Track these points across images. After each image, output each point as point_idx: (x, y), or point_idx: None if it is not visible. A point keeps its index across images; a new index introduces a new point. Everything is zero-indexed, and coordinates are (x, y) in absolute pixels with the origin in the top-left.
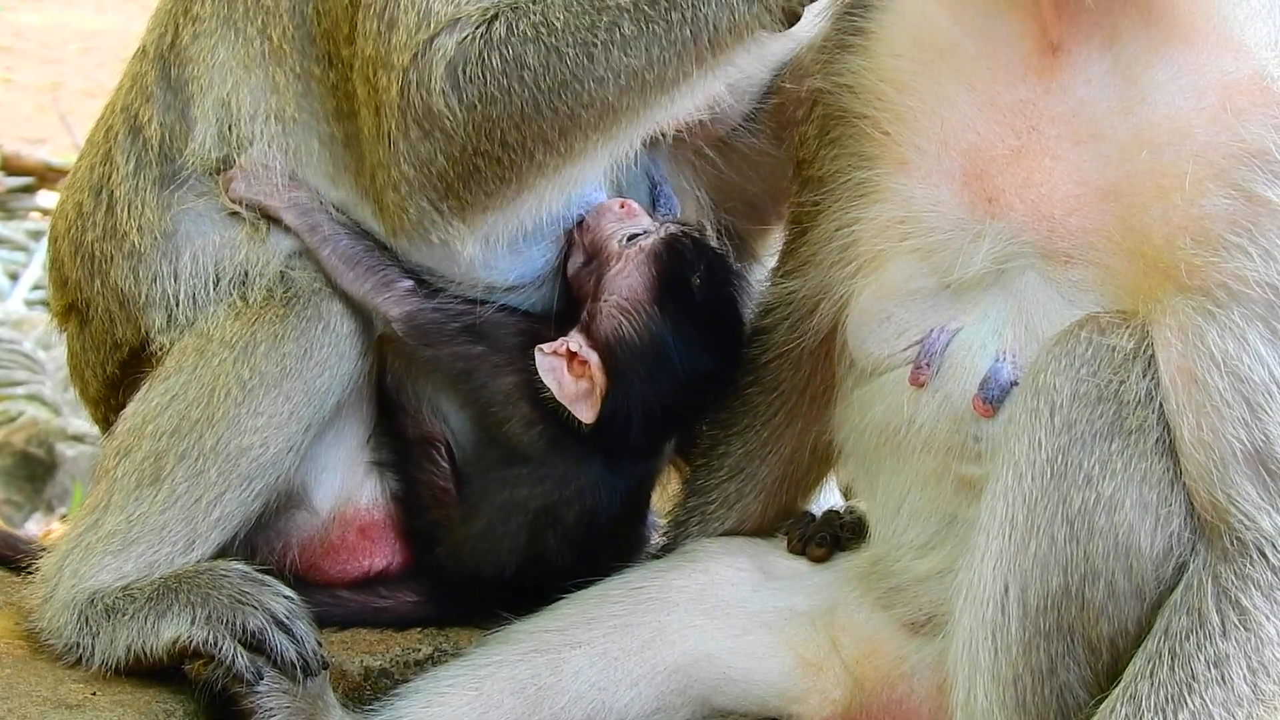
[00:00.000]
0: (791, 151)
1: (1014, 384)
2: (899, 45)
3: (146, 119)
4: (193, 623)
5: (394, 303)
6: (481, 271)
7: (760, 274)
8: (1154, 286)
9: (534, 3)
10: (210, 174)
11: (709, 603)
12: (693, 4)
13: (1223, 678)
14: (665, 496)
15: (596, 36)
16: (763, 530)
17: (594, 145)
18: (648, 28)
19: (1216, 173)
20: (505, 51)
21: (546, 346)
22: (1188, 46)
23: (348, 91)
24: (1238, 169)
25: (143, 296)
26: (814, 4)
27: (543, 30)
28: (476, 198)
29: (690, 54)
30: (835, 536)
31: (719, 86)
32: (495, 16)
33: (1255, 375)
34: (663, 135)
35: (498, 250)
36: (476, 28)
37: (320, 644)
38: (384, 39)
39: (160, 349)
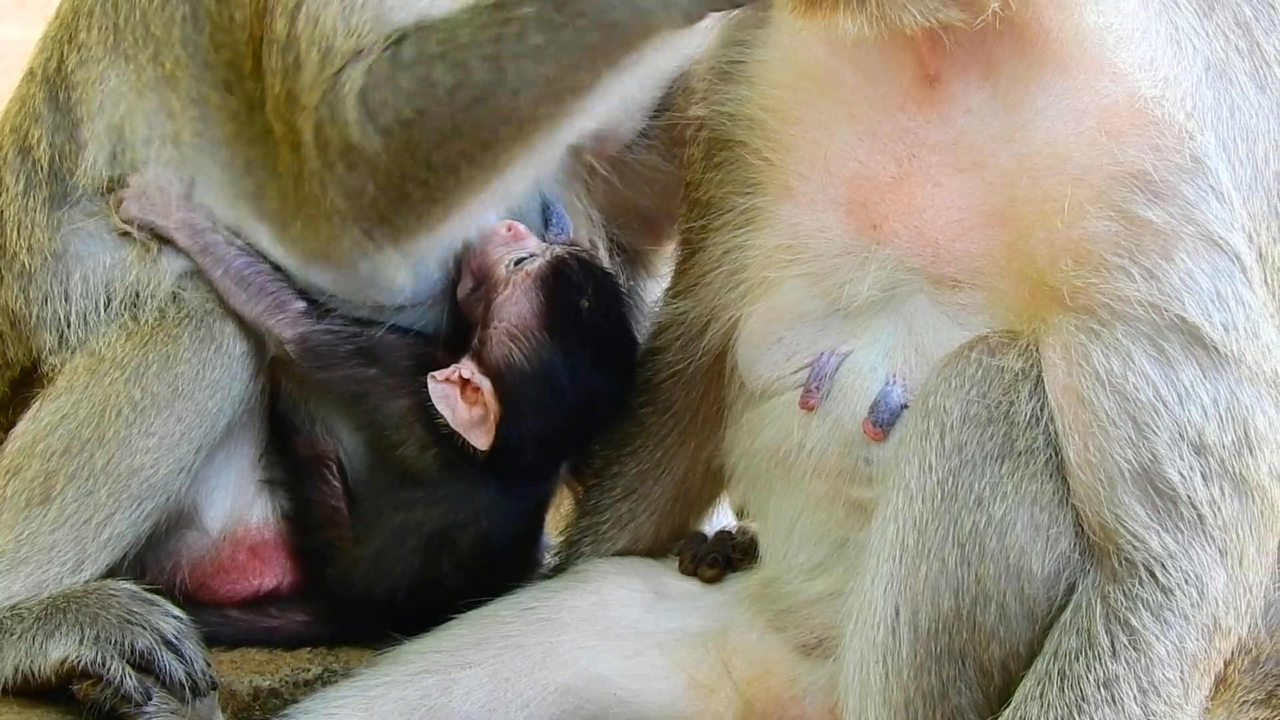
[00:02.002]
0: (682, 170)
1: (904, 407)
2: (779, 75)
3: (35, 139)
4: (81, 643)
5: (287, 324)
6: (376, 292)
7: (656, 291)
8: (1040, 308)
9: (441, 22)
10: (101, 194)
11: (600, 623)
12: (601, 8)
13: (1113, 698)
14: (558, 516)
15: (504, 49)
16: (656, 550)
17: (517, 156)
18: (556, 35)
19: (1096, 195)
20: (415, 72)
21: (439, 374)
22: (1064, 73)
23: (251, 119)
24: (1117, 191)
25: (33, 317)
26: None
27: (449, 48)
28: (408, 221)
29: (601, 56)
30: (727, 557)
31: (633, 87)
32: (402, 39)
33: (1141, 394)
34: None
35: (424, 273)
36: (382, 52)
37: (209, 664)
38: (292, 78)
39: (52, 369)
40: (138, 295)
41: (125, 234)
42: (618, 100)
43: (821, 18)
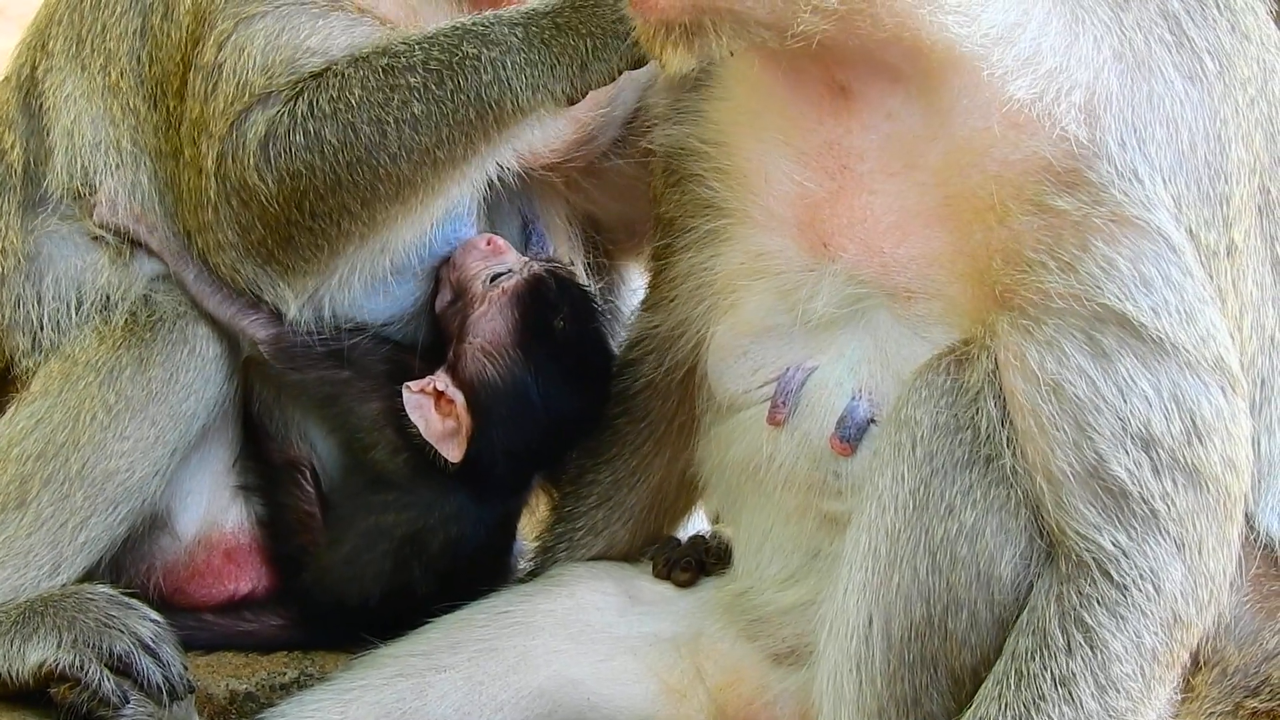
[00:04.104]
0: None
1: (871, 421)
2: (717, 113)
3: (9, 144)
4: (59, 646)
5: (260, 325)
6: (350, 311)
7: (634, 304)
8: (987, 311)
9: (335, 76)
10: (74, 198)
11: (574, 627)
12: (476, 88)
13: (1070, 696)
14: (534, 522)
15: (389, 114)
16: (630, 557)
17: (394, 215)
18: (436, 108)
19: (1016, 191)
20: (308, 128)
21: (414, 385)
22: (958, 73)
23: (167, 136)
24: (1029, 184)
25: (6, 320)
26: (598, 90)
27: (340, 106)
28: (296, 263)
29: (477, 132)
30: (700, 562)
31: (509, 156)
32: (300, 92)
33: (1079, 392)
34: (533, 171)
35: (325, 308)
36: (286, 103)
37: (186, 667)
38: (208, 104)
39: (26, 372)
40: (108, 298)
41: (97, 237)
42: (494, 168)
43: (664, 57)
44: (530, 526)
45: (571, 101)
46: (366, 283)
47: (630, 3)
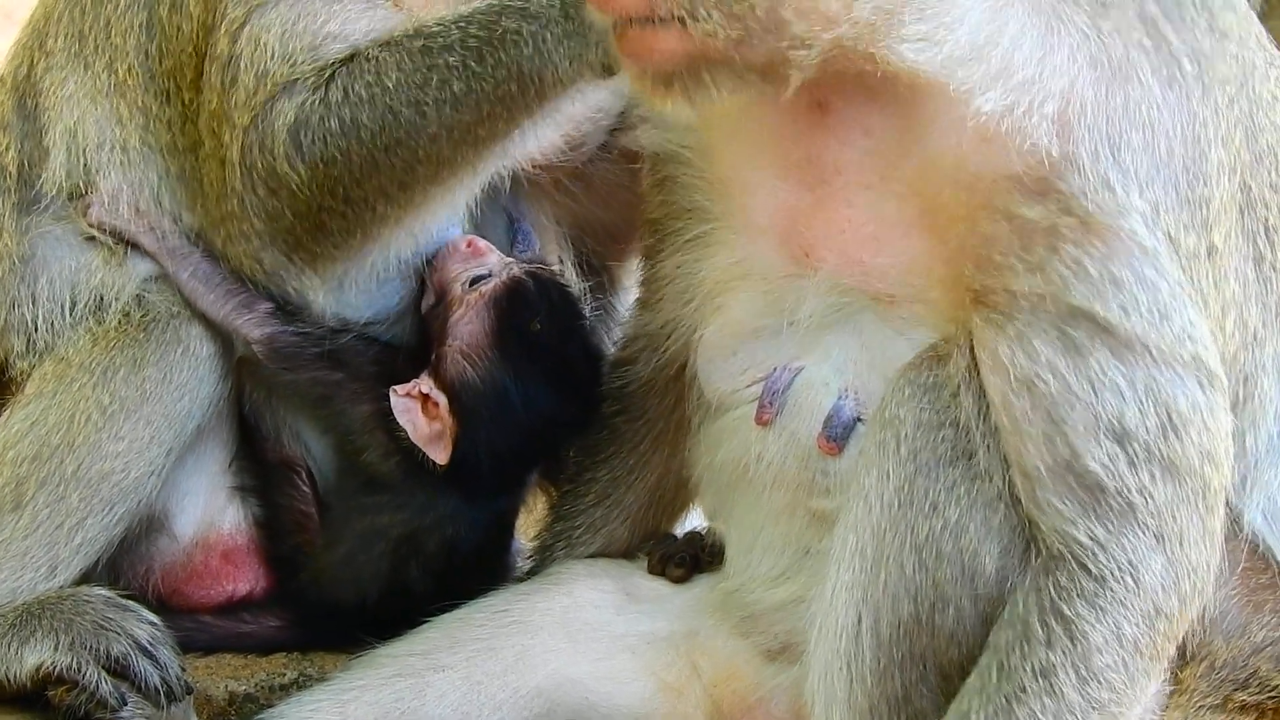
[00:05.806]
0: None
1: (858, 421)
2: (701, 122)
3: (4, 146)
4: (56, 649)
5: (255, 324)
6: (336, 309)
7: (627, 302)
8: (965, 313)
9: (367, 61)
10: (68, 199)
11: (572, 626)
12: (517, 61)
13: (1051, 688)
14: (531, 520)
15: (428, 95)
16: (629, 554)
17: (432, 196)
18: (476, 85)
19: (986, 200)
20: (343, 114)
21: (400, 388)
22: (927, 94)
23: (184, 130)
24: (999, 195)
25: (1, 322)
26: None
27: (376, 91)
28: (325, 249)
29: (518, 107)
30: (695, 557)
31: (551, 133)
32: (331, 78)
33: (1051, 388)
34: (520, 173)
35: (352, 293)
36: (314, 90)
37: (184, 669)
38: (227, 95)
39: (21, 374)
40: (102, 299)
41: (91, 238)
42: (534, 144)
43: (660, 105)
44: (529, 525)
45: (610, 73)
46: (393, 267)
47: (622, 50)
